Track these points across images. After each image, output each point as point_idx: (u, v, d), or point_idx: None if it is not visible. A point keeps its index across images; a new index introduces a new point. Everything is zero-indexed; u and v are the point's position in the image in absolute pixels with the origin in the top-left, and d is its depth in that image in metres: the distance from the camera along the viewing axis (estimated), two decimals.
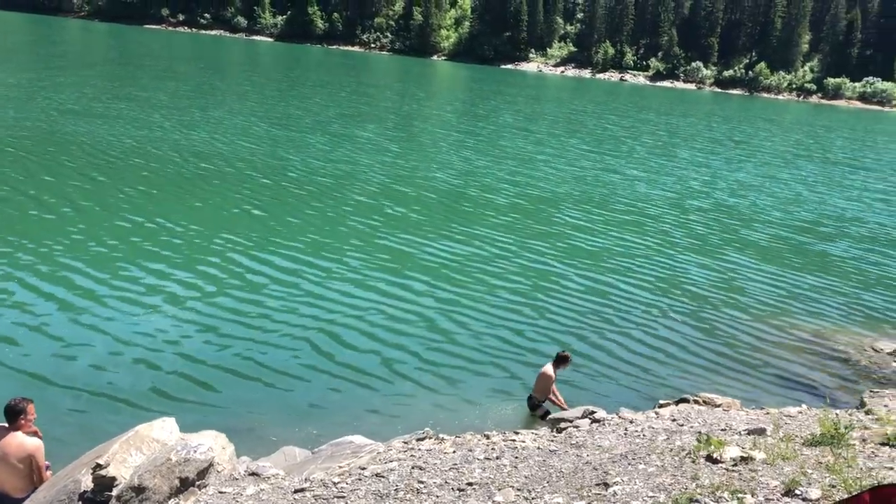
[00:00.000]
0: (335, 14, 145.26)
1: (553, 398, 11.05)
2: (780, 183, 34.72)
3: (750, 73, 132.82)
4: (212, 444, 7.35)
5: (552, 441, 8.69)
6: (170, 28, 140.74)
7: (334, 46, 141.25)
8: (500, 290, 15.89)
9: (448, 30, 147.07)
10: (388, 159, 29.94)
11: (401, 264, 16.98)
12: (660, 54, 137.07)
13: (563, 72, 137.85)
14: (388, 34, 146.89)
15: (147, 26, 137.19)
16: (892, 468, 5.98)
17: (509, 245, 19.39)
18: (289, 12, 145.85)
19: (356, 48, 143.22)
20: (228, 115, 37.48)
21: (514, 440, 9.03)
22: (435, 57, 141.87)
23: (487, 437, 9.48)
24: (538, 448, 8.28)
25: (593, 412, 10.01)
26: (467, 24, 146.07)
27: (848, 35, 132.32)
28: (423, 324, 13.79)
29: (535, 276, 17.13)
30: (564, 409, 10.72)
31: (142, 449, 7.14)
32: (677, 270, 18.80)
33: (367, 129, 37.92)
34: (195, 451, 6.89)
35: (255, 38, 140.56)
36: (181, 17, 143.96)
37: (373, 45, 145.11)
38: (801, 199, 31.04)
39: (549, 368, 11.00)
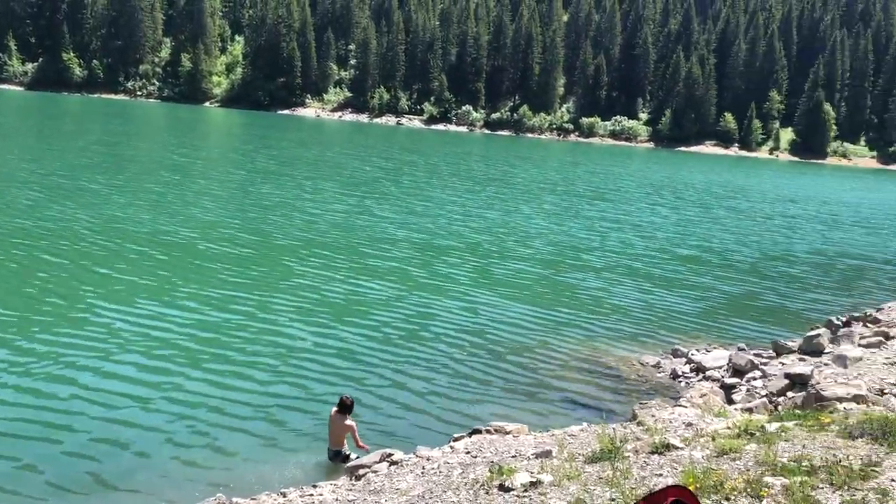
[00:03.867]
0: (94, 61, 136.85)
1: (345, 442, 10.84)
2: (529, 218, 35.73)
3: (515, 115, 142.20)
4: None
5: (351, 490, 8.57)
6: None
7: (96, 95, 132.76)
8: (265, 349, 15.05)
9: (220, 76, 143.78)
10: (110, 213, 26.96)
11: (149, 332, 15.72)
12: (432, 99, 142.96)
13: (340, 117, 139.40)
14: (156, 81, 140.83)
15: None
16: (661, 474, 6.51)
17: (252, 302, 17.89)
18: (40, 59, 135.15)
19: (121, 96, 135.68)
20: None
21: (311, 495, 8.80)
22: (207, 104, 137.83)
23: (284, 495, 9.17)
24: (336, 500, 8.13)
25: (391, 455, 9.99)
26: (240, 70, 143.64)
27: (596, 79, 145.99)
28: (193, 390, 12.84)
29: (291, 330, 16.23)
30: (362, 447, 10.62)
31: None
32: (443, 310, 18.74)
33: (96, 180, 34.25)
34: None
35: (2, 86, 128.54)
36: None
37: (139, 93, 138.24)
38: (549, 232, 32.15)
39: (337, 416, 10.84)
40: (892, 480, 5.96)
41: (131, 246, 22.67)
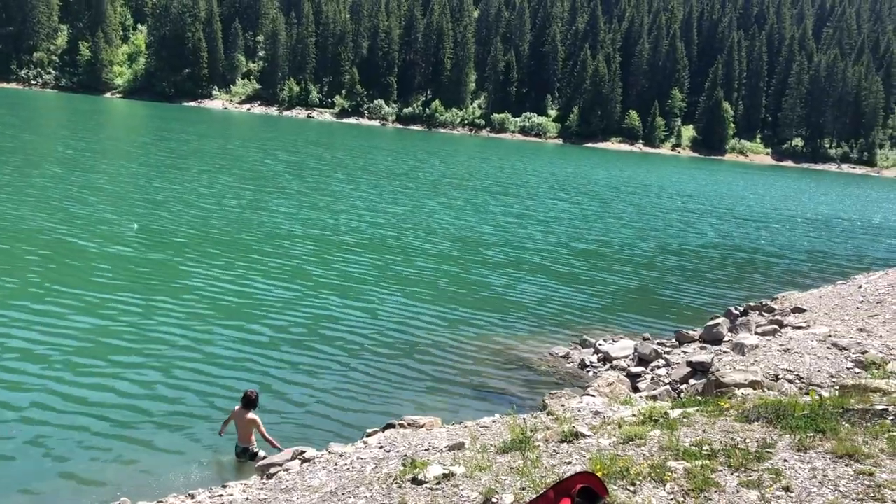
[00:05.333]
0: None
1: (268, 439, 10.71)
2: (434, 213, 35.23)
3: (427, 109, 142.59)
4: None
5: (262, 489, 8.42)
6: None
7: None
8: (159, 353, 14.34)
9: (121, 66, 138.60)
10: None
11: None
12: (344, 92, 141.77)
13: (249, 109, 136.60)
14: (52, 70, 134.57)
15: None
16: (570, 462, 6.66)
17: (142, 305, 16.85)
18: None
19: (13, 85, 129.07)
20: None
21: (221, 496, 8.62)
22: (109, 94, 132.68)
23: (192, 496, 8.94)
24: (247, 499, 7.98)
25: (303, 452, 9.87)
26: (143, 60, 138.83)
27: (507, 75, 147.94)
28: (85, 396, 12.23)
29: (187, 333, 15.45)
30: (277, 447, 10.46)
31: None
32: (349, 309, 18.31)
33: None
34: None
35: None
36: None
37: (34, 82, 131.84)
38: (455, 227, 31.77)
39: (241, 411, 10.66)
40: (785, 461, 6.28)
41: (6, 245, 21.16)
